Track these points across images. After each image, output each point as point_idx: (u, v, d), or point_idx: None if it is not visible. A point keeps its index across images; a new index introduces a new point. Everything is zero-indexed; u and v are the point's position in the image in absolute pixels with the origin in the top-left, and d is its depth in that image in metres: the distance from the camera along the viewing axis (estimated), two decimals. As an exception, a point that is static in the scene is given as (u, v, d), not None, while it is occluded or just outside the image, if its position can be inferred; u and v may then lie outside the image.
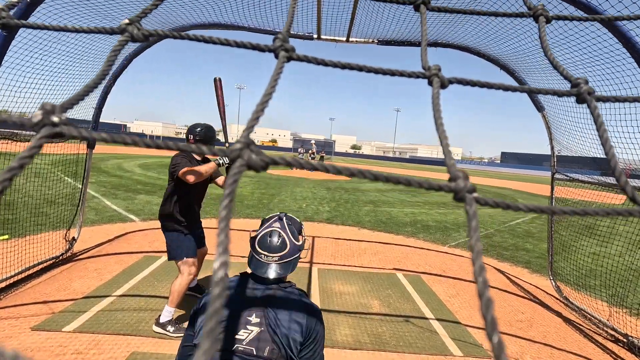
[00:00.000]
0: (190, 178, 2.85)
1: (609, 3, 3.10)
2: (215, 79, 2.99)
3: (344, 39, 5.09)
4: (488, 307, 0.23)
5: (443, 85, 0.33)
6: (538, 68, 4.38)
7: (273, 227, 1.42)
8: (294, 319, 1.27)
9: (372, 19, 4.55)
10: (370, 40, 5.18)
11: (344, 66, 0.33)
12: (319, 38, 5.05)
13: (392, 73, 0.35)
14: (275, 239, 1.39)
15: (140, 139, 0.23)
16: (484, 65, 5.02)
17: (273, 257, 1.36)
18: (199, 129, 3.11)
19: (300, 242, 1.47)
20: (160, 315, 3.11)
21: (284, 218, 1.49)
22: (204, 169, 2.94)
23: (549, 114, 4.88)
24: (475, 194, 0.25)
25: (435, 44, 5.12)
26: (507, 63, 4.87)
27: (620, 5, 3.09)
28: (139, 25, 0.30)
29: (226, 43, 0.32)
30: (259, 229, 1.46)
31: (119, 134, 0.24)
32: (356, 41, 5.18)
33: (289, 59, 0.31)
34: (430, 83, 0.33)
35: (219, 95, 2.99)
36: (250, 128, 0.25)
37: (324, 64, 0.32)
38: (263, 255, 1.37)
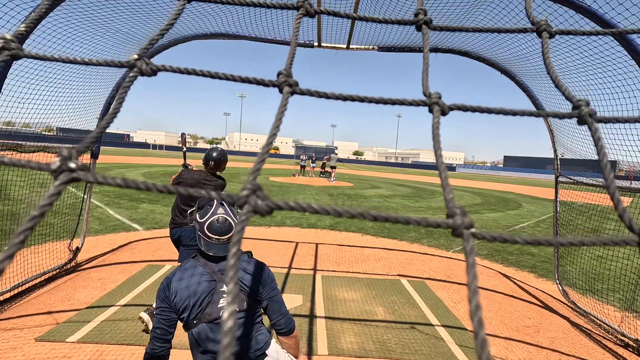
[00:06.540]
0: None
1: (609, 6, 3.12)
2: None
3: (345, 46, 5.15)
4: (483, 347, 0.23)
5: (444, 112, 0.33)
6: (540, 71, 4.40)
7: (218, 213, 1.62)
8: (250, 274, 1.59)
9: (372, 26, 4.60)
10: (371, 47, 5.24)
11: (345, 98, 0.33)
12: (319, 46, 5.11)
13: (393, 102, 0.35)
14: (223, 223, 1.61)
15: (154, 185, 0.24)
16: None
17: (224, 239, 1.59)
18: (215, 154, 3.37)
19: None
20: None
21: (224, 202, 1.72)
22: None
23: (550, 117, 4.88)
24: (472, 230, 0.25)
25: (436, 50, 5.16)
26: (507, 67, 4.89)
27: (621, 7, 3.11)
28: (147, 60, 0.31)
29: (232, 78, 0.33)
30: (202, 214, 1.66)
31: (133, 180, 0.24)
32: (357, 48, 5.24)
33: (293, 93, 0.32)
34: (430, 111, 0.34)
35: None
36: (256, 172, 0.25)
37: (326, 96, 0.33)
38: (215, 239, 1.58)
